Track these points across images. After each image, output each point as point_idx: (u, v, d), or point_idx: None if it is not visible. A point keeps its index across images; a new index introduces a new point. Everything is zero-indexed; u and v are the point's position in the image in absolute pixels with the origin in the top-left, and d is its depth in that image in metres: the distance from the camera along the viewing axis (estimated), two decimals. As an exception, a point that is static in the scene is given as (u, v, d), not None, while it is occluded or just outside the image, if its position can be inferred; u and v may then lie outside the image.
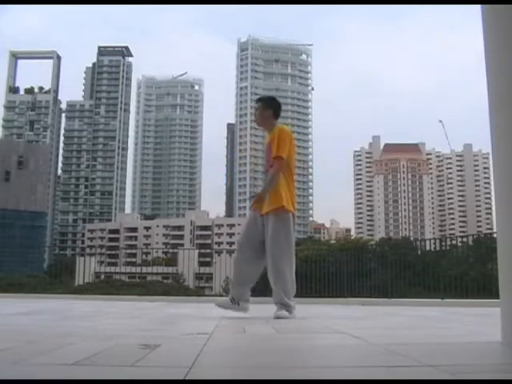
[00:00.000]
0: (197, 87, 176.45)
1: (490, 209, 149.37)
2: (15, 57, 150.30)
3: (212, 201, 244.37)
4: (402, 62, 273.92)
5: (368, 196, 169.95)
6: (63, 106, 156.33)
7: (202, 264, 27.51)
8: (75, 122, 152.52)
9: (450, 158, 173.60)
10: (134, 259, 56.95)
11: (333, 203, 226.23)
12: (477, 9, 2.49)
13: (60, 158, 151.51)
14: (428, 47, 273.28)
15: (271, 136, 4.51)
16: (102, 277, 25.59)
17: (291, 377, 1.58)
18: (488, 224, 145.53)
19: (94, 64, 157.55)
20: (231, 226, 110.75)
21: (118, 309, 6.48)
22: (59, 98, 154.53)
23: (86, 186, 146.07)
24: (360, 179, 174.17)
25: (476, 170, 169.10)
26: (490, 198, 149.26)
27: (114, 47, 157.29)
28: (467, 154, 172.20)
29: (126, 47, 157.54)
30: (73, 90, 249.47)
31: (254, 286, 4.57)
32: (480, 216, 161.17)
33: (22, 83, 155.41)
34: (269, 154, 4.52)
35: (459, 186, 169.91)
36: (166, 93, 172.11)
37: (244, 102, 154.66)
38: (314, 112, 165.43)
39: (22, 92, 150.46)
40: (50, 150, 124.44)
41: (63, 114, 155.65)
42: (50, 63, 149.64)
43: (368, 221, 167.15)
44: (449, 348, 2.37)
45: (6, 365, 1.74)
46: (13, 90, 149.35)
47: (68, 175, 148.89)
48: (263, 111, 4.62)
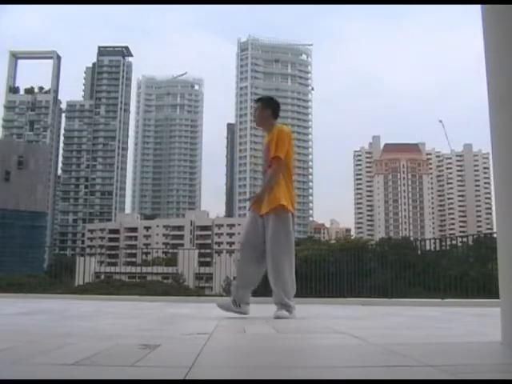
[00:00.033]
0: (197, 87, 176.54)
1: (490, 209, 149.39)
2: (15, 57, 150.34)
3: (212, 201, 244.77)
4: (402, 61, 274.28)
5: (368, 196, 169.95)
6: (63, 106, 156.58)
7: (201, 264, 27.57)
8: (75, 122, 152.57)
9: (449, 158, 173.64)
10: (134, 259, 56.91)
11: (333, 203, 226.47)
12: (477, 9, 2.49)
13: (60, 158, 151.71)
14: (428, 47, 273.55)
15: (270, 136, 4.50)
16: (102, 277, 25.64)
17: (291, 377, 1.58)
18: (488, 224, 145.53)
19: (93, 64, 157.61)
20: (231, 225, 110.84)
21: (117, 309, 6.48)
22: (59, 98, 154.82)
23: (86, 186, 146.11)
24: (360, 179, 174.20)
25: (476, 170, 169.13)
26: (490, 198, 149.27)
27: (114, 47, 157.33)
28: (467, 153, 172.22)
29: (126, 47, 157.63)
30: (73, 90, 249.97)
31: (255, 288, 4.57)
32: (480, 216, 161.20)
33: (22, 83, 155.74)
34: (267, 154, 4.51)
35: (459, 186, 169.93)
36: (165, 93, 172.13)
37: (244, 102, 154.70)
38: (314, 112, 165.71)
39: (22, 92, 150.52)
40: (50, 150, 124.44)
41: (63, 114, 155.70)
42: (50, 63, 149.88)
43: (368, 221, 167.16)
44: (449, 348, 2.37)
45: (6, 365, 1.74)
46: (13, 89, 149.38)
47: (68, 175, 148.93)
48: (262, 111, 4.61)
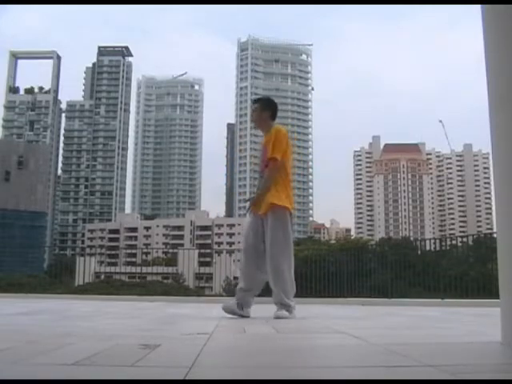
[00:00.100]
0: (197, 87, 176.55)
1: (490, 209, 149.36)
2: (15, 57, 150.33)
3: (212, 201, 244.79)
4: (402, 61, 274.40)
5: (368, 196, 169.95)
6: (63, 105, 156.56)
7: (201, 264, 27.52)
8: (75, 122, 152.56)
9: (449, 158, 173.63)
10: (134, 259, 56.90)
11: (333, 203, 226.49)
12: (477, 9, 2.49)
13: (60, 158, 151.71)
14: (428, 47, 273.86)
15: (268, 137, 4.49)
16: (102, 277, 25.60)
17: (291, 377, 1.58)
18: (488, 224, 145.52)
19: (94, 64, 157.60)
20: (231, 226, 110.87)
21: (117, 309, 6.48)
22: (59, 98, 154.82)
23: (86, 186, 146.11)
24: (360, 179, 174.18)
25: (476, 170, 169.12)
26: (490, 198, 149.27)
27: (114, 47, 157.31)
28: (467, 153, 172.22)
29: (126, 47, 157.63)
30: (73, 90, 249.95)
31: (259, 293, 4.51)
32: (480, 216, 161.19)
33: (22, 83, 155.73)
34: (265, 154, 4.50)
35: (459, 186, 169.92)
36: (165, 93, 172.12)
37: (244, 102, 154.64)
38: (314, 112, 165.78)
39: (22, 92, 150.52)
40: (50, 150, 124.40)
41: (63, 114, 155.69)
42: (50, 63, 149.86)
43: (368, 221, 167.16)
44: (449, 348, 2.37)
45: (6, 365, 1.74)
46: (13, 89, 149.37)
47: (68, 175, 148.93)
48: (261, 113, 4.59)
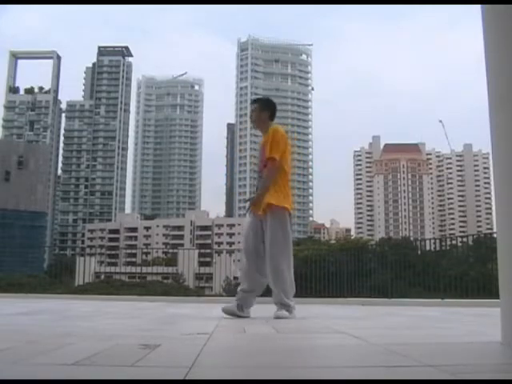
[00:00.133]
0: (197, 87, 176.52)
1: (490, 209, 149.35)
2: (15, 57, 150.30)
3: (212, 201, 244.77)
4: (402, 61, 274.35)
5: (368, 196, 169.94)
6: (63, 105, 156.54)
7: (201, 264, 27.54)
8: (75, 122, 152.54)
9: (450, 158, 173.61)
10: (134, 259, 56.85)
11: (333, 203, 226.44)
12: (477, 9, 2.49)
13: (60, 158, 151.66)
14: (428, 47, 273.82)
15: (266, 137, 4.49)
16: (102, 277, 25.60)
17: (291, 377, 1.58)
18: (488, 224, 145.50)
19: (94, 64, 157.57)
20: (231, 226, 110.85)
21: (117, 309, 6.48)
22: (59, 97, 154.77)
23: (86, 186, 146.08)
24: (360, 179, 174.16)
25: (476, 170, 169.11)
26: (490, 198, 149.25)
27: (114, 47, 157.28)
28: (467, 153, 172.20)
29: (126, 47, 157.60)
30: (73, 90, 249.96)
31: (260, 294, 4.51)
32: (480, 216, 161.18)
33: (22, 83, 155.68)
34: (263, 154, 4.51)
35: (459, 186, 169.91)
36: (166, 93, 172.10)
37: (244, 102, 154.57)
38: (314, 112, 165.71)
39: (22, 92, 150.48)
40: (50, 150, 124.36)
41: (63, 114, 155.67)
42: (50, 63, 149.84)
43: (368, 221, 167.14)
44: (449, 348, 2.37)
45: (6, 365, 1.74)
46: (13, 89, 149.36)
47: (68, 175, 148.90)
48: (260, 113, 4.58)
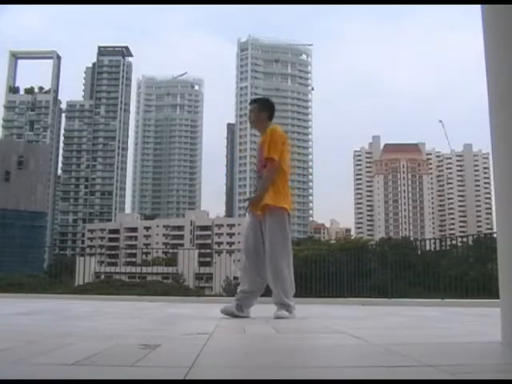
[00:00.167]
0: (197, 87, 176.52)
1: (490, 209, 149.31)
2: (15, 57, 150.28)
3: (212, 201, 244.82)
4: (402, 61, 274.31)
5: (368, 196, 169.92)
6: (63, 105, 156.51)
7: (201, 264, 27.49)
8: (75, 122, 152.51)
9: (450, 158, 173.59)
10: (134, 259, 56.82)
11: (333, 203, 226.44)
12: (477, 9, 2.49)
13: (60, 158, 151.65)
14: (428, 47, 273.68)
15: (264, 137, 4.50)
16: (102, 277, 25.59)
17: (291, 377, 1.58)
18: (488, 224, 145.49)
19: (94, 64, 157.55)
20: (231, 226, 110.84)
21: (117, 309, 6.48)
22: (59, 97, 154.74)
23: (86, 186, 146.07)
24: (360, 179, 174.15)
25: (476, 170, 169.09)
26: (490, 198, 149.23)
27: (114, 47, 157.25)
28: (467, 153, 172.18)
29: (126, 47, 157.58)
30: (73, 90, 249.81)
31: (260, 294, 4.50)
32: (480, 216, 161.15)
33: (22, 83, 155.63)
34: (261, 155, 4.51)
35: (459, 186, 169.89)
36: (166, 93, 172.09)
37: (244, 102, 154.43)
38: (314, 112, 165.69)
39: (22, 92, 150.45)
40: (50, 150, 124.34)
41: (63, 114, 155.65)
42: (50, 63, 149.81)
43: (368, 221, 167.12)
44: (449, 348, 2.37)
45: (6, 365, 1.74)
46: (13, 89, 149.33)
47: (68, 175, 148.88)
48: (259, 114, 4.58)
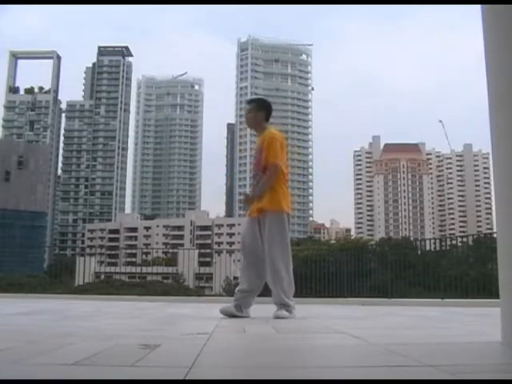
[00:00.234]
0: (197, 87, 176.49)
1: (490, 209, 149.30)
2: (15, 57, 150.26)
3: (212, 201, 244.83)
4: (402, 61, 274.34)
5: (368, 196, 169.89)
6: (63, 105, 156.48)
7: (201, 264, 27.50)
8: (75, 122, 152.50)
9: (450, 158, 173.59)
10: (134, 259, 56.82)
11: (333, 203, 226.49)
12: (477, 9, 2.49)
13: (60, 158, 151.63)
14: (428, 47, 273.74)
15: (261, 138, 4.50)
16: (102, 277, 25.58)
17: (291, 377, 1.58)
18: (488, 224, 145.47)
19: (94, 64, 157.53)
20: (231, 225, 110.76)
21: (117, 309, 6.48)
22: (59, 97, 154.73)
23: (86, 186, 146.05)
24: (360, 179, 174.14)
25: (476, 170, 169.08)
26: (490, 198, 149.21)
27: (114, 47, 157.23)
28: (467, 153, 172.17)
29: (126, 47, 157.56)
30: (73, 90, 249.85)
31: (259, 293, 4.53)
32: (480, 216, 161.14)
33: (22, 83, 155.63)
34: (259, 157, 4.48)
35: (459, 185, 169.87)
36: (165, 93, 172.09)
37: (244, 102, 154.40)
38: (314, 112, 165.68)
39: (22, 92, 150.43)
40: (50, 150, 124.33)
41: (63, 114, 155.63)
42: (50, 63, 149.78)
43: (368, 221, 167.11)
44: (449, 348, 2.37)
45: (6, 365, 1.74)
46: (13, 89, 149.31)
47: (68, 175, 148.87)
48: (256, 114, 4.58)
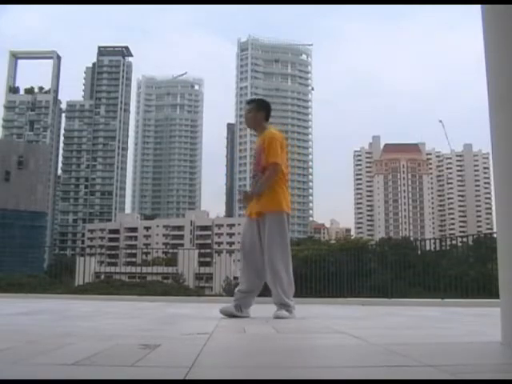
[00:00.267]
0: (197, 87, 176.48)
1: (490, 209, 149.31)
2: (15, 57, 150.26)
3: (212, 201, 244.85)
4: (402, 61, 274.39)
5: (368, 196, 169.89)
6: (63, 106, 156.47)
7: (201, 264, 27.48)
8: (75, 122, 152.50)
9: (450, 158, 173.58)
10: (134, 259, 56.82)
11: (333, 203, 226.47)
12: (477, 9, 2.49)
13: (60, 158, 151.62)
14: (428, 47, 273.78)
15: (261, 139, 4.50)
16: (102, 277, 25.57)
17: (291, 377, 1.58)
18: (488, 224, 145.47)
19: (94, 64, 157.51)
20: (231, 225, 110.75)
21: (117, 309, 6.48)
22: (59, 98, 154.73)
23: (86, 186, 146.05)
24: (360, 179, 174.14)
25: (476, 170, 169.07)
26: (490, 198, 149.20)
27: (114, 47, 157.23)
28: (467, 154, 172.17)
29: (126, 47, 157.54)
30: (73, 90, 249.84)
31: (258, 293, 4.53)
32: (480, 216, 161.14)
33: (22, 83, 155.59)
34: (259, 157, 4.48)
35: (459, 186, 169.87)
36: (165, 93, 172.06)
37: (244, 103, 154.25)
38: (314, 112, 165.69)
39: (22, 92, 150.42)
40: (50, 150, 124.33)
41: (63, 114, 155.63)
42: (50, 63, 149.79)
43: (368, 221, 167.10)
44: (449, 348, 2.36)
45: (6, 365, 1.74)
46: (13, 89, 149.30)
47: (68, 175, 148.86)
48: (256, 114, 4.58)
